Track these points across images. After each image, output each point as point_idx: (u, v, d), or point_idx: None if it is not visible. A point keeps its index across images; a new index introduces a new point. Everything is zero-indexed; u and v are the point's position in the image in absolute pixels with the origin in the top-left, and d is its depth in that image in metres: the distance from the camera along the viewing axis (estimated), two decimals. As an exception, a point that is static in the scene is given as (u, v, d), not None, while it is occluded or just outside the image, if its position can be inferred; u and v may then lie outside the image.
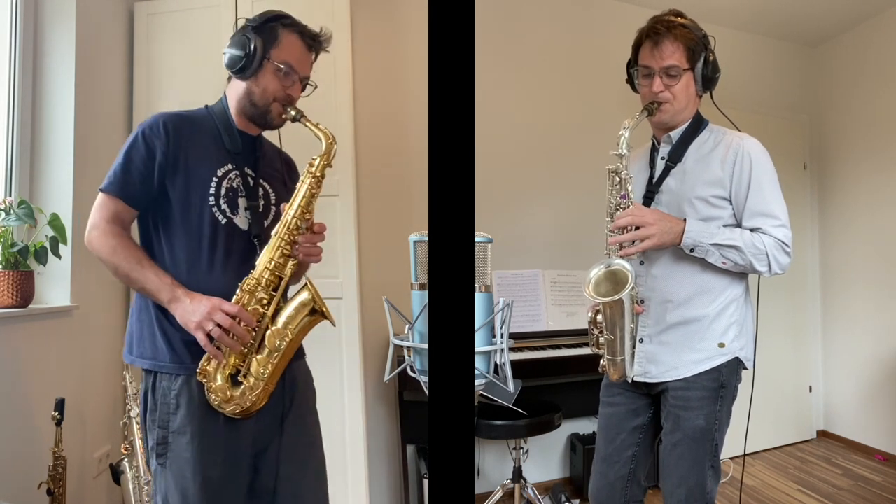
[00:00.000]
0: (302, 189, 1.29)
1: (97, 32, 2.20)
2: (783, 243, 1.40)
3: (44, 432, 1.79)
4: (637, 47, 1.50)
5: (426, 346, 1.09)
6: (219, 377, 1.23)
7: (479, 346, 1.10)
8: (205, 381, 1.23)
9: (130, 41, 2.41)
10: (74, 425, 1.97)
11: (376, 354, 2.67)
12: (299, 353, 1.44)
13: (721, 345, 1.45)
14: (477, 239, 1.09)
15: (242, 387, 1.24)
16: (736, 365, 1.48)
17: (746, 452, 3.52)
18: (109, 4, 2.29)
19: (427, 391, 0.84)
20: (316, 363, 2.28)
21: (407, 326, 1.15)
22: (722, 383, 1.45)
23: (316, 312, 1.28)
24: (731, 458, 3.24)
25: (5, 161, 1.96)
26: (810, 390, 3.96)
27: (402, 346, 1.14)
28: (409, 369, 1.14)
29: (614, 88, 1.64)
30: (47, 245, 1.81)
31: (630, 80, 1.56)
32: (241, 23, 1.33)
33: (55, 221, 1.81)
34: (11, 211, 1.75)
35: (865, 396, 3.66)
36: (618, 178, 1.43)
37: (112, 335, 2.30)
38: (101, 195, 1.27)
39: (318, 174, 1.31)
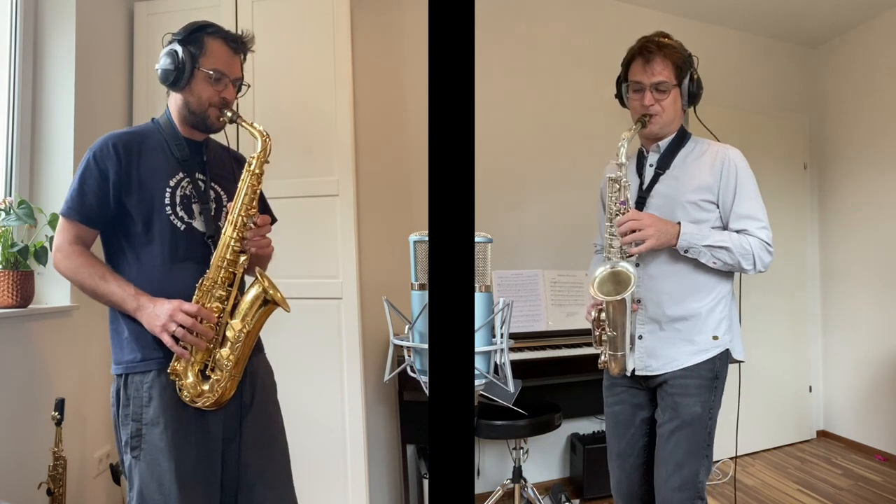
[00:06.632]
0: (243, 187, 1.36)
1: (97, 32, 2.20)
2: (766, 243, 1.53)
3: (44, 432, 1.79)
4: (627, 64, 1.61)
5: (426, 346, 1.09)
6: (189, 374, 1.29)
7: (479, 346, 1.11)
8: (176, 379, 1.29)
9: (130, 41, 2.41)
10: (74, 425, 1.97)
11: (376, 354, 2.66)
12: (258, 348, 1.51)
13: (715, 337, 1.57)
14: (477, 239, 1.09)
15: (211, 380, 1.31)
16: (727, 357, 1.59)
17: (746, 452, 3.53)
18: (109, 4, 2.30)
19: (427, 391, 0.84)
20: (316, 363, 2.31)
21: (407, 326, 1.15)
22: (716, 374, 1.56)
23: (268, 302, 1.34)
24: (730, 458, 3.24)
25: (5, 161, 1.96)
26: (810, 390, 3.96)
27: (402, 346, 1.15)
28: (409, 369, 1.15)
29: (614, 89, 1.67)
30: (47, 245, 1.81)
31: (619, 96, 1.66)
32: (167, 38, 1.39)
33: (55, 221, 1.81)
34: (11, 211, 1.75)
35: (865, 396, 3.66)
36: (617, 186, 1.54)
37: (112, 335, 2.30)
38: (61, 219, 1.33)
39: (258, 171, 1.37)
